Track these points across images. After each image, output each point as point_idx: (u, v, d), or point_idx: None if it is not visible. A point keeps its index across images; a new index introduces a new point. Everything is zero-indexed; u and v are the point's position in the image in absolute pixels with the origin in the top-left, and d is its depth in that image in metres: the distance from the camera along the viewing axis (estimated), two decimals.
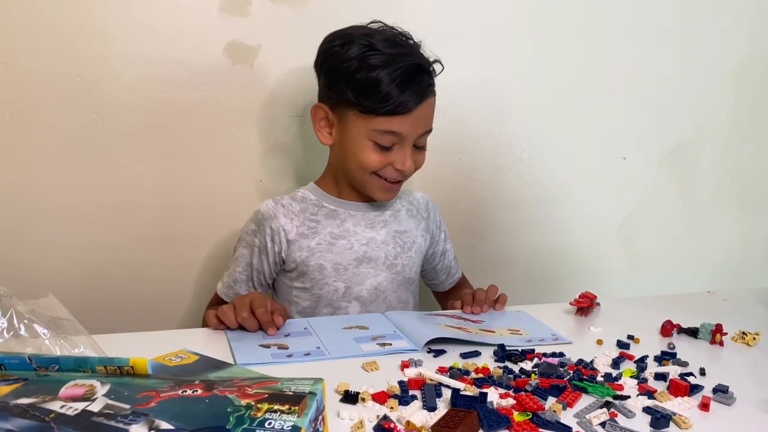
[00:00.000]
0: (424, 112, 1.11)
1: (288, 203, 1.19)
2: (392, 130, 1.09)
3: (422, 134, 1.13)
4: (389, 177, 1.14)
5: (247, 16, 1.28)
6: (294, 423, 0.53)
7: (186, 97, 1.28)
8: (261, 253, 1.18)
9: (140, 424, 0.52)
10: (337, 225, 1.18)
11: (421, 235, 1.25)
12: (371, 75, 1.07)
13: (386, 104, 1.08)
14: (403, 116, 1.09)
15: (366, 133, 1.11)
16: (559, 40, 1.48)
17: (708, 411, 0.75)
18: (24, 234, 1.26)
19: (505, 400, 0.75)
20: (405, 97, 1.07)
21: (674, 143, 1.63)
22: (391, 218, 1.22)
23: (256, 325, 0.96)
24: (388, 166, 1.12)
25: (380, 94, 1.07)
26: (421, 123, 1.11)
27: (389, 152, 1.12)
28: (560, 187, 1.56)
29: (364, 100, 1.09)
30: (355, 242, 1.18)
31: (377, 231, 1.20)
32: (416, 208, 1.27)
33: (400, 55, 1.09)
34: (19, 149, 1.23)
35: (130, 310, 1.33)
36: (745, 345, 0.96)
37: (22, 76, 1.20)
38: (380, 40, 1.10)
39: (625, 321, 1.04)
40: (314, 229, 1.18)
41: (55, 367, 0.62)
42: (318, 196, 1.21)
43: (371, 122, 1.09)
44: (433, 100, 1.13)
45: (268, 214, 1.17)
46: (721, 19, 1.58)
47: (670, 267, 1.70)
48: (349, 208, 1.20)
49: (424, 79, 1.10)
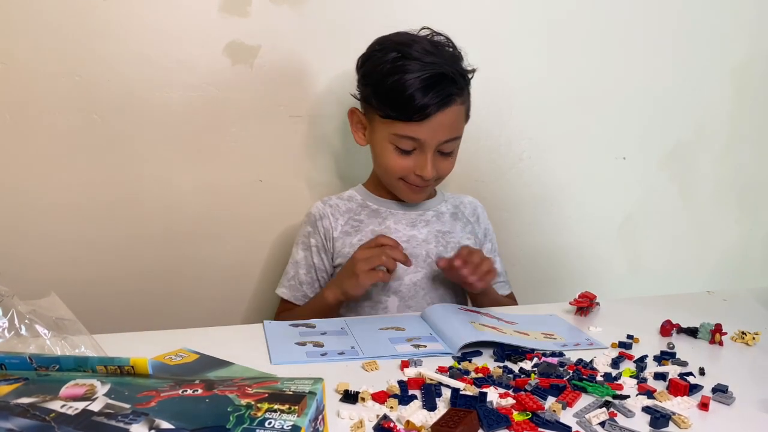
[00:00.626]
0: (447, 120, 1.11)
1: (335, 203, 1.25)
2: (411, 136, 1.11)
3: (445, 141, 1.13)
4: (413, 182, 1.16)
5: (247, 16, 1.28)
6: (294, 422, 0.53)
7: (186, 97, 1.28)
8: (320, 251, 1.23)
9: (140, 424, 0.52)
10: (378, 223, 1.22)
11: (467, 238, 1.26)
12: (393, 81, 1.09)
13: (404, 111, 1.09)
14: (420, 123, 1.09)
15: (387, 137, 1.13)
16: (559, 40, 1.48)
17: (707, 411, 0.75)
18: (24, 233, 1.26)
19: (504, 399, 0.75)
20: (422, 105, 1.08)
21: (674, 143, 1.63)
22: (434, 218, 1.25)
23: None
24: (410, 171, 1.15)
25: (399, 100, 1.09)
26: (442, 130, 1.12)
27: (410, 157, 1.13)
28: (560, 187, 1.56)
29: (384, 105, 1.12)
30: (396, 239, 1.18)
31: (419, 230, 1.22)
32: (462, 211, 1.28)
33: (429, 64, 1.09)
34: (19, 149, 1.23)
35: (131, 309, 1.33)
36: (744, 345, 0.96)
37: (23, 76, 1.21)
38: (415, 47, 1.11)
39: (625, 321, 1.04)
40: (357, 228, 1.22)
41: (55, 366, 0.62)
42: (363, 196, 1.25)
43: (391, 127, 1.12)
44: (459, 109, 1.13)
45: (319, 214, 1.23)
46: (721, 19, 1.58)
47: (670, 267, 1.70)
48: (391, 207, 1.24)
49: (447, 87, 1.10)
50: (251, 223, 1.37)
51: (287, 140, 1.36)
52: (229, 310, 1.40)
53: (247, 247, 1.38)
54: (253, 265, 1.39)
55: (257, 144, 1.34)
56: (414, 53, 1.10)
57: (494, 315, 1.07)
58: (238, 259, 1.38)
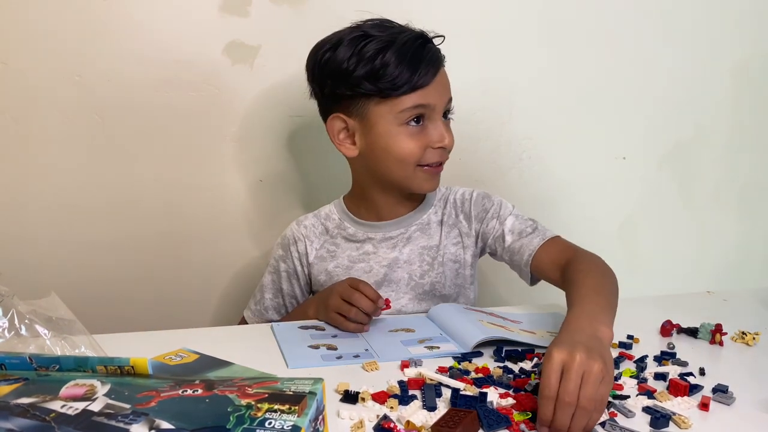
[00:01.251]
0: (444, 79, 1.09)
1: (311, 223, 1.18)
2: (421, 103, 1.05)
3: (448, 101, 1.10)
4: (432, 161, 1.08)
5: (247, 16, 1.28)
6: (294, 423, 0.53)
7: (186, 96, 1.28)
8: (291, 277, 1.18)
9: (140, 424, 0.52)
10: (356, 248, 1.15)
11: (454, 243, 1.16)
12: (377, 60, 1.03)
13: (407, 82, 1.03)
14: (425, 89, 1.05)
15: (394, 119, 1.05)
16: (559, 40, 1.48)
17: (708, 411, 0.75)
18: (24, 233, 1.26)
19: (504, 399, 0.75)
20: (423, 70, 1.04)
21: (674, 143, 1.63)
22: (418, 233, 1.15)
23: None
24: (427, 150, 1.07)
25: (394, 74, 1.03)
26: (445, 90, 1.09)
27: (423, 133, 1.06)
28: (560, 187, 1.56)
29: (384, 83, 1.03)
30: (375, 264, 1.14)
31: (399, 250, 1.14)
32: (447, 213, 1.17)
33: (398, 33, 1.06)
34: (19, 148, 1.23)
35: (131, 309, 1.33)
36: (744, 345, 0.96)
37: (23, 76, 1.21)
38: (369, 27, 1.07)
39: (625, 321, 1.04)
40: (333, 253, 1.16)
41: (55, 366, 0.62)
42: (341, 216, 1.17)
43: (396, 104, 1.04)
44: (444, 69, 1.10)
45: (293, 238, 1.17)
46: (721, 18, 1.58)
47: (670, 267, 1.69)
48: (368, 230, 1.15)
49: (432, 49, 1.07)
50: (251, 223, 1.37)
51: (287, 140, 1.36)
52: (230, 310, 1.40)
53: (248, 248, 1.38)
54: (253, 265, 1.39)
55: (257, 144, 1.34)
56: (388, 29, 1.06)
57: (499, 314, 1.07)
58: (239, 260, 1.38)
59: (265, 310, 1.19)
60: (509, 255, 1.13)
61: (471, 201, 1.17)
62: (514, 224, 1.13)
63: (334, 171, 1.39)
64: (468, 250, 1.16)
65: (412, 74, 1.03)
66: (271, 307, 1.19)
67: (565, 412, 0.67)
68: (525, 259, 1.09)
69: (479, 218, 1.16)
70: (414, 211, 1.17)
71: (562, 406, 0.67)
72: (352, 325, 0.98)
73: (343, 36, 1.07)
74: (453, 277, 1.16)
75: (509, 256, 1.13)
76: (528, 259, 1.09)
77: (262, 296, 1.19)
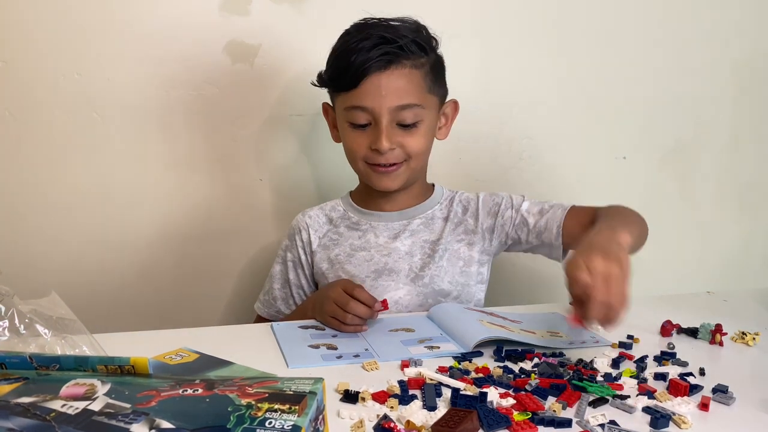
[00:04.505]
0: (393, 83, 1.05)
1: (316, 214, 1.21)
2: (358, 105, 1.07)
3: (399, 109, 1.06)
4: (374, 162, 1.10)
5: (248, 15, 1.28)
6: (294, 422, 0.53)
7: (186, 95, 1.28)
8: (297, 267, 1.20)
9: (141, 424, 0.52)
10: (358, 236, 1.17)
11: (458, 240, 1.17)
12: (336, 52, 1.09)
13: (343, 77, 1.07)
14: (360, 87, 1.05)
15: (342, 115, 1.10)
16: (559, 39, 1.48)
17: (707, 411, 0.75)
18: (24, 232, 1.26)
19: (505, 399, 0.75)
20: (357, 65, 1.04)
21: (674, 143, 1.63)
22: (422, 226, 1.17)
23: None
24: (372, 150, 1.09)
25: (338, 67, 1.07)
26: (390, 95, 1.05)
27: (366, 132, 1.09)
28: (560, 187, 1.56)
29: (329, 79, 1.10)
30: (376, 253, 1.15)
31: (401, 241, 1.16)
32: (455, 211, 1.19)
33: (363, 30, 1.08)
34: (19, 147, 1.23)
35: (131, 309, 1.33)
36: (744, 345, 0.96)
37: (23, 75, 1.21)
38: (356, 25, 1.10)
39: (625, 321, 1.04)
40: (336, 241, 1.17)
41: (55, 366, 0.62)
42: (346, 207, 1.21)
43: (342, 100, 1.10)
44: (410, 72, 1.07)
45: (298, 228, 1.19)
46: (721, 18, 1.58)
47: (670, 267, 1.69)
48: (372, 219, 1.18)
49: (386, 49, 1.05)
50: (251, 223, 1.37)
51: (287, 140, 1.36)
52: (230, 309, 1.40)
53: (248, 247, 1.38)
54: (253, 264, 1.39)
55: (257, 143, 1.34)
56: (359, 27, 1.09)
57: (499, 314, 1.07)
58: (239, 259, 1.38)
59: (273, 300, 1.20)
60: (536, 235, 1.15)
61: (479, 200, 1.20)
62: (530, 207, 1.17)
63: (335, 170, 1.39)
64: (475, 247, 1.17)
65: (341, 75, 1.07)
66: (279, 297, 1.20)
67: (596, 308, 0.79)
68: (555, 233, 1.12)
69: (492, 213, 1.18)
70: (419, 205, 1.19)
71: (594, 304, 0.79)
72: (350, 327, 0.98)
73: (350, 27, 1.12)
74: (455, 274, 1.16)
75: (536, 236, 1.15)
76: (558, 231, 1.12)
77: (271, 287, 1.21)
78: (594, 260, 0.80)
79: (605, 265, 0.80)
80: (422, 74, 1.09)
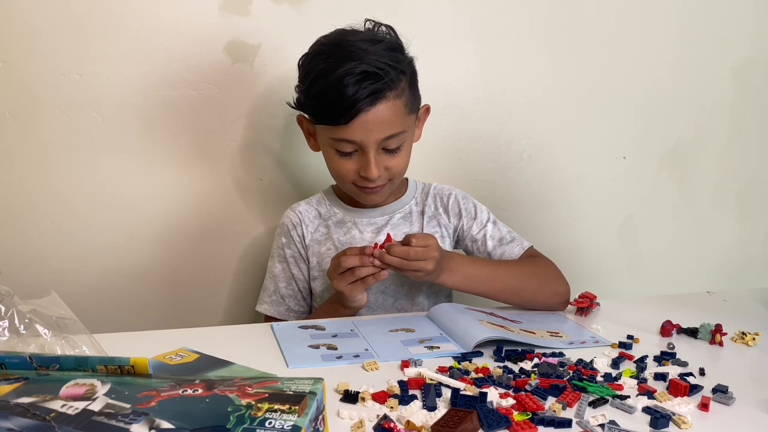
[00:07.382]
0: (380, 117, 1.05)
1: (304, 209, 1.22)
2: (345, 139, 1.07)
3: (386, 139, 1.07)
4: (363, 185, 1.12)
5: (248, 15, 1.28)
6: (294, 422, 0.53)
7: (186, 95, 1.28)
8: (298, 261, 1.21)
9: (141, 424, 0.52)
10: (344, 233, 1.20)
11: (433, 233, 1.20)
12: (318, 87, 1.05)
13: (331, 115, 1.05)
14: (350, 125, 1.05)
15: (328, 142, 1.10)
16: (559, 39, 1.48)
17: (707, 411, 0.75)
18: (24, 232, 1.26)
19: (504, 399, 0.75)
20: (347, 106, 1.03)
21: (674, 143, 1.63)
22: (401, 220, 1.21)
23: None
24: (356, 174, 1.10)
25: (324, 104, 1.05)
26: (377, 128, 1.06)
27: (353, 158, 1.10)
28: (560, 187, 1.56)
29: (314, 111, 1.10)
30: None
31: (384, 235, 1.17)
32: (428, 205, 1.22)
33: (345, 62, 1.03)
34: (19, 147, 1.23)
35: (131, 309, 1.33)
36: (744, 345, 0.96)
37: (23, 75, 1.20)
38: (334, 47, 1.06)
39: (625, 321, 1.04)
40: (326, 235, 1.20)
41: (55, 366, 0.62)
42: (331, 201, 1.23)
43: (328, 131, 1.09)
44: (394, 104, 1.06)
45: (291, 223, 1.21)
46: (721, 18, 1.58)
47: (670, 267, 1.70)
48: (355, 215, 1.20)
49: (372, 84, 1.03)
50: (251, 223, 1.37)
51: (287, 140, 1.36)
52: (230, 309, 1.40)
53: (248, 247, 1.38)
54: (253, 264, 1.39)
55: (257, 143, 1.34)
56: (339, 54, 1.04)
57: (499, 314, 1.07)
58: (238, 259, 1.38)
59: (281, 298, 1.21)
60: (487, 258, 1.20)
61: (451, 197, 1.23)
62: (494, 231, 1.21)
63: None
64: (445, 241, 1.22)
65: (331, 112, 1.05)
66: (287, 295, 1.21)
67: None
68: None
69: (458, 215, 1.22)
70: (397, 200, 1.22)
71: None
72: (370, 279, 1.01)
73: (316, 46, 1.10)
74: None
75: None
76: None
77: (276, 287, 1.21)
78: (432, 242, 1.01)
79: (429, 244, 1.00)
80: (404, 101, 1.09)
